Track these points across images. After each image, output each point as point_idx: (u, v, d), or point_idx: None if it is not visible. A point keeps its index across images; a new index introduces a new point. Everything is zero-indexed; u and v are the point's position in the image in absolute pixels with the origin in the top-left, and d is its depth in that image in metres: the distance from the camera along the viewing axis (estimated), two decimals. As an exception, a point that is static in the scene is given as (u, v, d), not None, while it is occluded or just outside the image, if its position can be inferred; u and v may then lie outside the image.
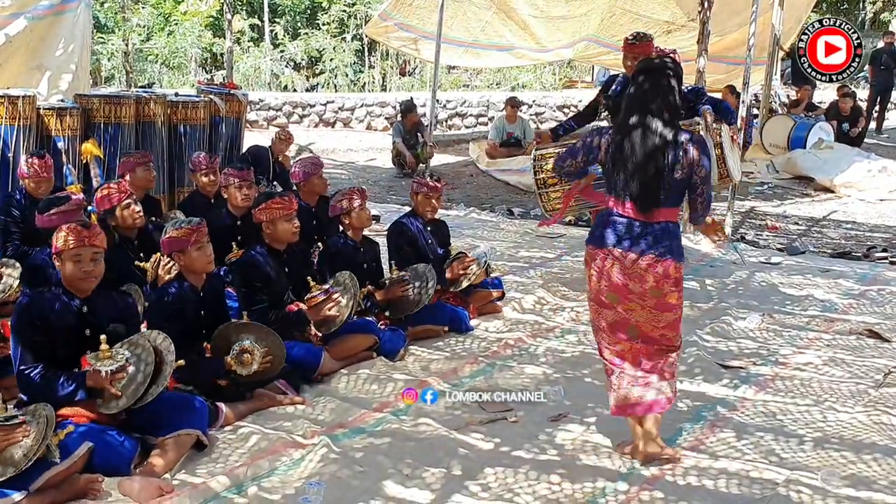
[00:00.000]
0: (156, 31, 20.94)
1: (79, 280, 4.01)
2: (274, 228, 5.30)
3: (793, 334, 6.05)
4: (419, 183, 6.30)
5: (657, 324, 3.99)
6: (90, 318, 4.04)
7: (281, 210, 5.28)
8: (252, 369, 4.51)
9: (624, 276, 3.91)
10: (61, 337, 3.95)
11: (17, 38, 8.77)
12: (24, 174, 6.26)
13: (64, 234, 4.01)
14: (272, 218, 5.28)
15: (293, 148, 11.17)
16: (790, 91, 17.89)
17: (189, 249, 4.58)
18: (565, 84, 22.59)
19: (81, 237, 4.00)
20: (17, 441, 3.46)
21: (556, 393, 4.89)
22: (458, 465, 4.02)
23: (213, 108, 9.07)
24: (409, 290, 5.74)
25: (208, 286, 4.73)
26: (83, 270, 3.99)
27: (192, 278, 4.65)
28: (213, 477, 3.81)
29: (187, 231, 4.59)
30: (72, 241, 3.97)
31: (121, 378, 3.87)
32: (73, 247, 3.97)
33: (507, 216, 10.38)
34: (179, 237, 4.59)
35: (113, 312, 4.15)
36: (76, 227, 4.05)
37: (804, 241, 9.13)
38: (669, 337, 4.04)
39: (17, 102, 7.29)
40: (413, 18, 13.86)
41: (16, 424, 3.46)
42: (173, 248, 4.62)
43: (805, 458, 4.16)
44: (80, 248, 3.99)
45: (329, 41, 21.20)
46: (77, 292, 4.04)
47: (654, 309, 3.96)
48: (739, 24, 11.80)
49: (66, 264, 3.99)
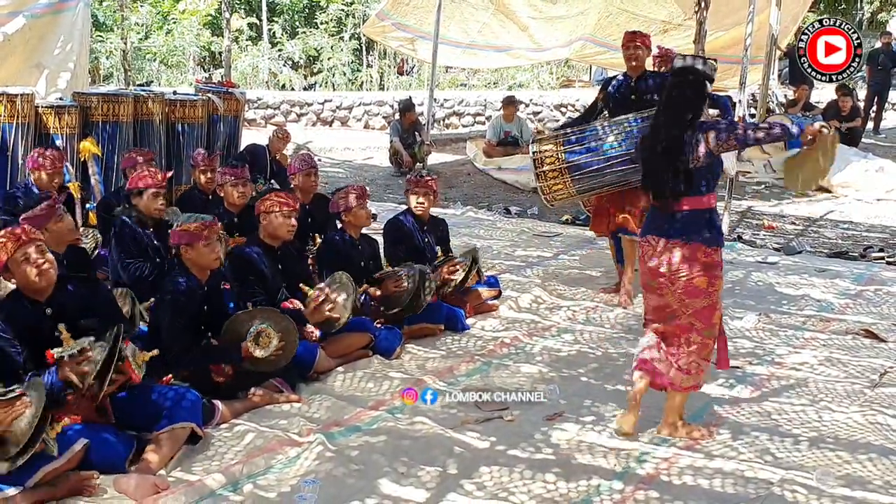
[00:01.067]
0: (154, 30, 20.94)
1: (37, 277, 3.92)
2: (270, 222, 5.31)
3: (789, 334, 6.06)
4: (410, 181, 6.33)
5: (686, 310, 4.20)
6: (56, 318, 3.95)
7: (281, 205, 5.30)
8: (271, 349, 4.53)
9: (659, 261, 4.20)
10: (32, 344, 3.86)
11: (15, 36, 8.76)
12: (38, 166, 6.29)
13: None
14: (270, 210, 5.30)
15: (290, 146, 11.18)
16: (788, 91, 17.88)
17: (198, 244, 4.60)
18: (563, 83, 22.59)
19: (18, 238, 3.94)
20: (20, 413, 3.44)
21: (552, 392, 4.89)
22: (454, 463, 4.03)
23: (211, 106, 9.08)
24: (402, 283, 5.71)
25: (211, 282, 4.74)
26: (36, 265, 3.91)
27: (197, 272, 4.67)
28: (208, 474, 3.81)
29: (200, 226, 4.62)
30: (11, 245, 3.91)
31: (85, 360, 3.76)
32: (14, 249, 3.90)
33: (505, 215, 10.39)
34: (192, 231, 4.61)
35: (79, 306, 4.08)
36: (5, 233, 3.99)
37: (801, 240, 9.14)
38: (698, 328, 4.20)
39: (16, 100, 7.31)
40: (410, 18, 13.86)
41: (14, 398, 3.46)
42: (183, 241, 4.63)
43: (800, 457, 4.17)
44: (22, 246, 3.92)
45: (327, 40, 21.21)
46: (38, 295, 3.98)
47: (682, 293, 4.17)
48: (735, 22, 11.78)
49: (18, 269, 3.92)
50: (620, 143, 6.22)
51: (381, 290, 5.75)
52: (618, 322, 6.27)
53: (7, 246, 3.92)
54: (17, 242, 3.93)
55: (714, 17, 9.89)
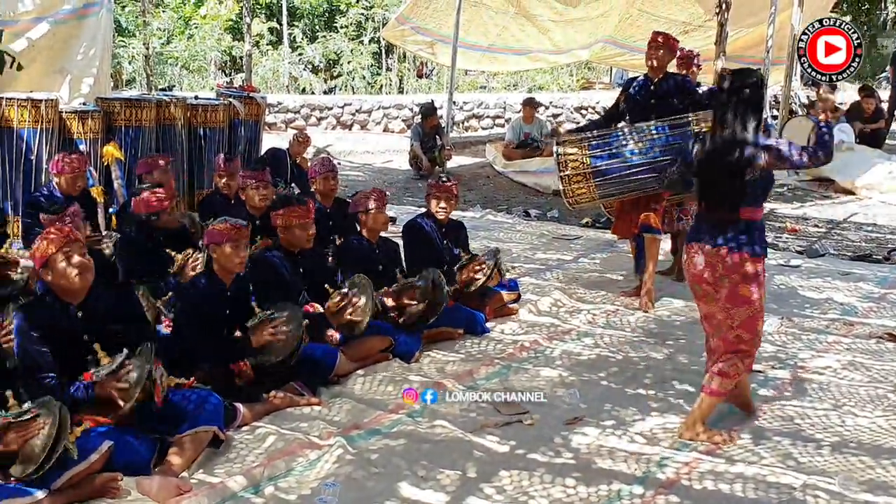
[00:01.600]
0: (176, 35, 21.05)
1: (75, 277, 3.97)
2: (290, 234, 5.37)
3: (812, 338, 6.02)
4: (431, 185, 6.36)
5: (732, 322, 4.25)
6: (86, 322, 4.02)
7: (298, 218, 5.35)
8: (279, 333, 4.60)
9: (704, 267, 4.26)
10: (62, 345, 3.92)
11: (39, 41, 8.83)
12: (61, 170, 6.36)
13: (44, 240, 3.99)
14: (288, 224, 5.35)
15: (310, 150, 11.22)
16: (810, 92, 17.77)
17: (224, 244, 4.65)
18: (583, 85, 22.54)
19: (66, 236, 4.00)
20: (35, 435, 3.48)
21: (572, 396, 4.89)
22: (473, 467, 4.03)
23: (232, 110, 9.13)
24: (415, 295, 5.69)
25: (235, 286, 4.78)
26: (76, 264, 3.96)
27: (221, 274, 4.73)
28: (230, 477, 3.84)
29: (228, 227, 4.68)
30: (58, 242, 3.96)
31: (125, 376, 3.84)
32: (59, 247, 3.95)
33: (524, 218, 10.37)
34: (219, 230, 4.68)
35: (111, 312, 4.13)
36: (53, 229, 4.06)
37: (824, 243, 9.07)
38: (745, 339, 4.26)
39: (40, 106, 7.40)
40: (430, 22, 13.89)
41: (30, 419, 3.49)
42: (212, 240, 4.70)
43: (823, 462, 4.14)
44: (68, 245, 3.97)
45: (347, 44, 21.25)
46: (70, 297, 4.02)
47: (726, 303, 4.23)
48: (755, 22, 11.75)
49: (57, 267, 3.95)
50: (644, 150, 6.22)
51: (396, 300, 5.74)
52: (638, 326, 6.25)
53: (54, 242, 3.97)
54: (64, 240, 3.99)
55: (734, 16, 9.86)
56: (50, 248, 3.96)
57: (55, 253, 3.96)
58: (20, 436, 3.47)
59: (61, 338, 3.93)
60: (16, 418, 3.49)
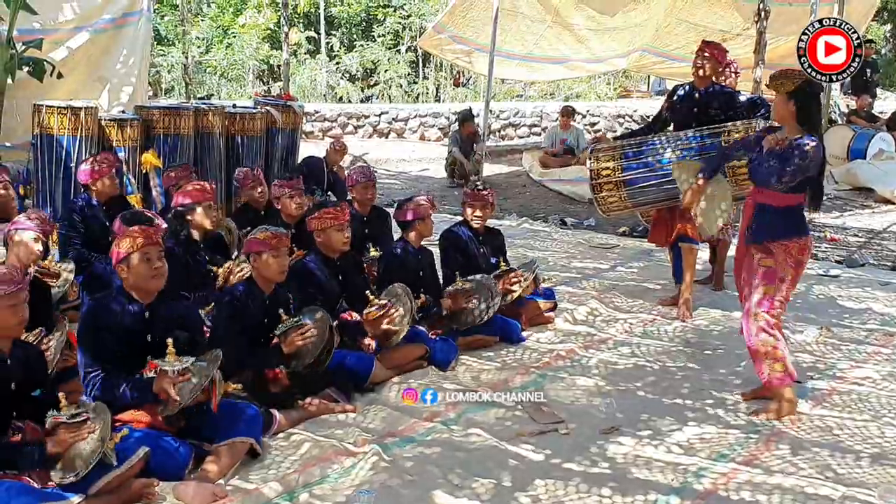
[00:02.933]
0: (215, 44, 21.28)
1: (149, 279, 4.07)
2: (326, 237, 5.38)
3: (851, 348, 5.94)
4: (468, 194, 6.37)
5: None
6: (152, 323, 4.12)
7: (333, 220, 5.36)
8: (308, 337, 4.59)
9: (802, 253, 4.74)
10: (124, 342, 4.03)
11: (79, 50, 8.98)
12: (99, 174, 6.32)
13: (128, 237, 4.08)
14: (324, 227, 5.37)
15: (347, 158, 11.26)
16: (850, 101, 17.57)
17: (265, 253, 4.68)
18: (620, 94, 22.47)
19: (149, 235, 4.11)
20: (84, 438, 3.54)
21: (608, 405, 4.86)
22: (509, 476, 4.02)
23: (270, 119, 9.19)
24: (472, 300, 5.76)
25: (274, 295, 4.80)
26: (154, 268, 4.07)
27: (261, 283, 4.76)
28: (265, 483, 3.85)
29: (269, 235, 4.71)
30: (140, 240, 4.06)
31: (185, 380, 3.92)
32: (142, 245, 4.05)
33: (560, 226, 10.35)
34: (261, 239, 4.71)
35: (174, 319, 4.22)
36: (141, 228, 4.15)
37: (863, 253, 8.96)
38: None
39: (80, 114, 7.48)
40: (467, 31, 13.90)
41: (81, 422, 3.55)
42: (252, 249, 4.74)
43: (862, 474, 4.09)
44: (149, 245, 4.08)
45: (384, 53, 21.36)
46: (141, 297, 4.11)
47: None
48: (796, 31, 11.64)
49: (135, 266, 4.05)
50: (679, 159, 6.17)
51: (453, 303, 5.78)
52: (676, 335, 6.20)
53: (137, 241, 4.06)
54: (147, 240, 4.08)
55: (773, 25, 9.78)
56: (132, 246, 4.05)
57: (135, 252, 4.05)
58: (72, 436, 3.52)
59: (127, 335, 4.03)
60: (69, 419, 3.54)
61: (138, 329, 4.09)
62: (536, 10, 13.57)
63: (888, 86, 23.53)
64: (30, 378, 3.85)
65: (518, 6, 13.36)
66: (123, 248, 4.07)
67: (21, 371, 3.80)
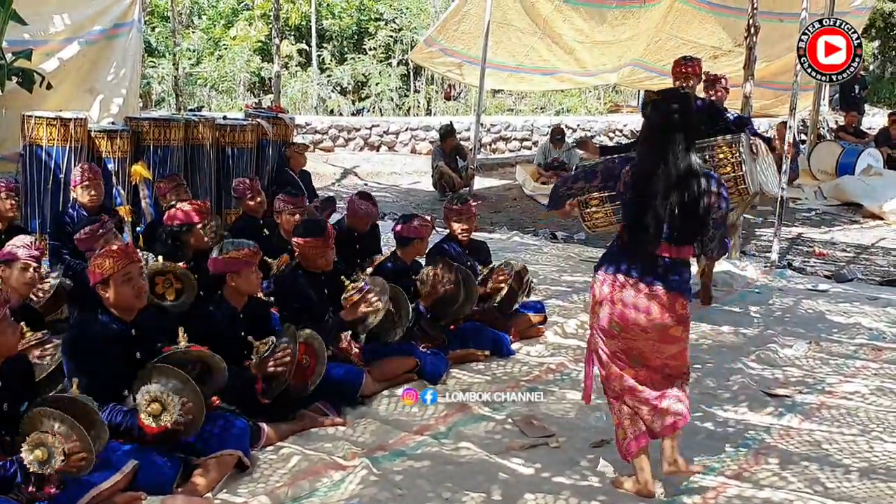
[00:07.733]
0: (205, 56, 21.23)
1: (132, 299, 4.05)
2: (307, 262, 5.30)
3: (840, 363, 5.96)
4: (450, 209, 6.32)
5: (660, 355, 3.97)
6: (139, 339, 4.10)
7: (314, 248, 5.24)
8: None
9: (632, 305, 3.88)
10: (113, 363, 3.97)
11: (70, 62, 8.96)
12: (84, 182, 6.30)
13: (107, 259, 4.02)
14: (304, 254, 5.28)
15: (337, 172, 11.23)
16: (838, 116, 17.69)
17: (247, 270, 4.61)
18: (610, 108, 22.54)
19: (128, 255, 4.06)
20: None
21: (598, 419, 4.86)
22: (499, 489, 4.01)
23: (261, 131, 9.19)
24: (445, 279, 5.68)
25: (247, 309, 4.74)
26: (136, 287, 4.05)
27: (234, 300, 4.68)
28: (254, 497, 3.83)
29: (247, 252, 4.63)
30: (120, 262, 4.01)
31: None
32: (122, 267, 4.00)
33: (551, 240, 10.36)
34: (241, 258, 4.60)
35: (160, 330, 4.21)
36: (116, 249, 4.10)
37: (852, 268, 9.00)
38: (673, 366, 4.03)
39: (69, 125, 7.47)
40: (458, 44, 13.93)
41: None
42: (232, 269, 4.59)
43: (851, 488, 4.09)
44: (130, 266, 4.04)
45: (375, 66, 21.36)
46: (124, 315, 4.08)
47: (656, 342, 3.93)
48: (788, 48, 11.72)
49: (117, 288, 4.01)
50: None
51: (428, 294, 5.71)
52: (665, 349, 6.19)
53: (117, 261, 4.01)
54: (127, 259, 4.04)
55: (764, 44, 9.82)
56: (112, 266, 4.00)
57: (115, 273, 4.00)
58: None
59: (113, 354, 3.98)
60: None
61: (126, 348, 4.05)
62: (527, 22, 13.62)
63: (876, 102, 23.67)
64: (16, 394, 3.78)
65: (510, 19, 13.40)
66: (102, 268, 4.01)
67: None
